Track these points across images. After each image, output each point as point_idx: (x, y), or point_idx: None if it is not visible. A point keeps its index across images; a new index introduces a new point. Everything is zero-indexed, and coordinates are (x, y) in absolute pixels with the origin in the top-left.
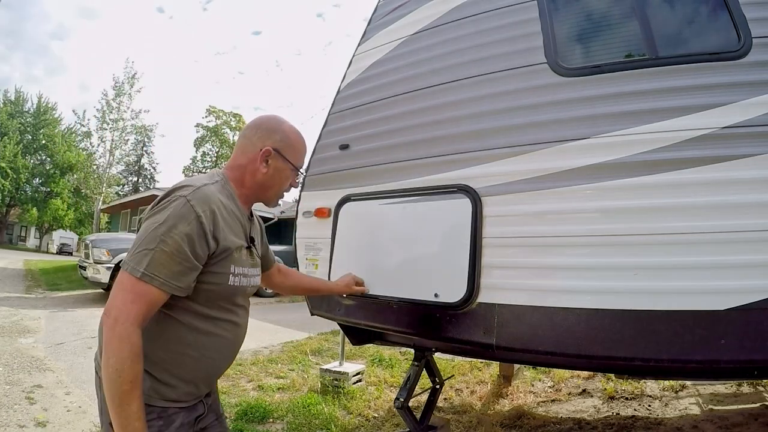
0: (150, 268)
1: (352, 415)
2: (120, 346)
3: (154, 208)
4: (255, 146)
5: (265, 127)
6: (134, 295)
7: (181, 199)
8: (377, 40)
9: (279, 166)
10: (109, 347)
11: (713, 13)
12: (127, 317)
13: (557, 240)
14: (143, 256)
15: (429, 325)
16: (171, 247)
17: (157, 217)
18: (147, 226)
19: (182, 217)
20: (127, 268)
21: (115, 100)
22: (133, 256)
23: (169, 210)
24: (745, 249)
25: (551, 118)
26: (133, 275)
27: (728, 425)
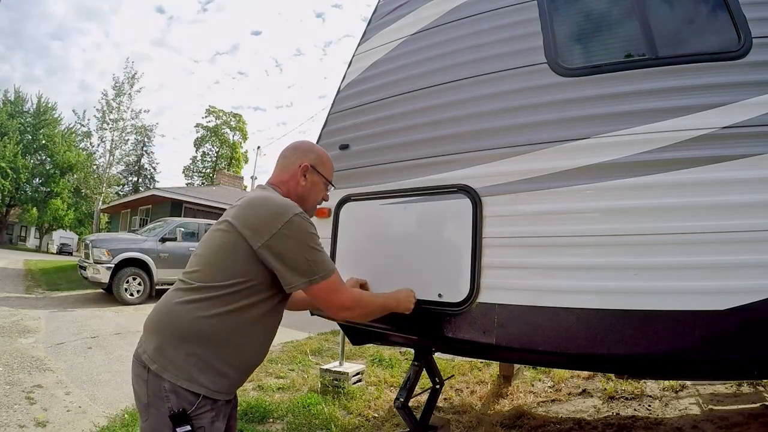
0: (328, 264)
1: (352, 415)
2: (365, 311)
3: (282, 228)
4: (294, 164)
5: (302, 148)
6: (338, 286)
7: (300, 215)
8: (377, 40)
9: (315, 179)
10: (369, 310)
11: (713, 13)
12: (345, 295)
13: (557, 240)
14: (320, 262)
15: (429, 325)
16: (317, 244)
17: (294, 236)
18: (293, 244)
19: (309, 224)
20: (321, 277)
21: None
22: (313, 267)
23: (294, 227)
24: (745, 249)
25: (551, 118)
26: (329, 277)
27: (728, 425)
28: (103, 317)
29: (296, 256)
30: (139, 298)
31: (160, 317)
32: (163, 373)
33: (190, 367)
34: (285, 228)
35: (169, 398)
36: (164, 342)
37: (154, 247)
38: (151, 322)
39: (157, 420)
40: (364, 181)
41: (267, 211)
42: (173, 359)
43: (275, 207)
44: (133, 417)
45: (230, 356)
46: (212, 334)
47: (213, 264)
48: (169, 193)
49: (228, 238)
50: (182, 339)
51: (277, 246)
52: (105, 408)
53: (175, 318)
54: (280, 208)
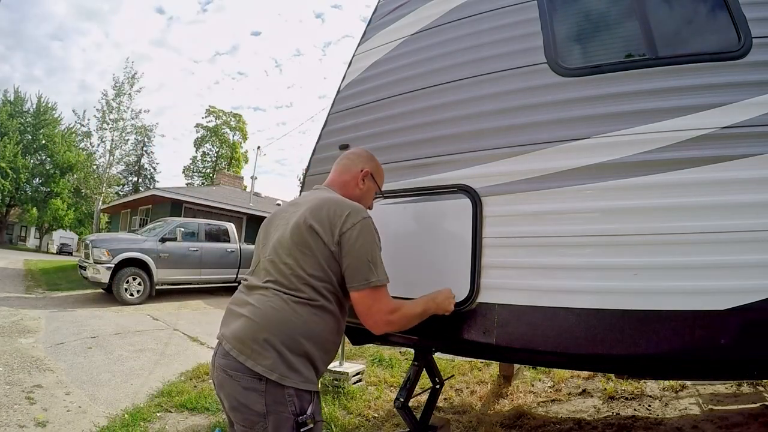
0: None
1: (352, 415)
2: (406, 320)
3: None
4: (357, 167)
5: (364, 156)
6: (385, 295)
7: (370, 219)
8: (377, 40)
9: (370, 186)
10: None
11: (713, 13)
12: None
13: (557, 240)
14: (380, 268)
15: (429, 325)
16: (379, 250)
17: (362, 237)
18: (361, 243)
19: (372, 230)
20: (376, 282)
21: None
22: (374, 270)
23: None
24: (745, 249)
25: (551, 118)
26: (382, 285)
27: (728, 425)
28: (103, 317)
29: (361, 256)
30: (139, 298)
31: (266, 323)
32: (285, 381)
33: (305, 369)
34: (357, 227)
35: (292, 401)
36: (281, 348)
37: (154, 247)
38: (255, 330)
39: (279, 423)
40: None
41: (342, 211)
42: (292, 364)
43: (349, 207)
44: (133, 417)
45: (326, 353)
46: (319, 333)
47: (302, 265)
48: (169, 193)
49: (311, 238)
50: (297, 342)
51: (348, 242)
52: (105, 408)
53: (286, 322)
54: (354, 208)
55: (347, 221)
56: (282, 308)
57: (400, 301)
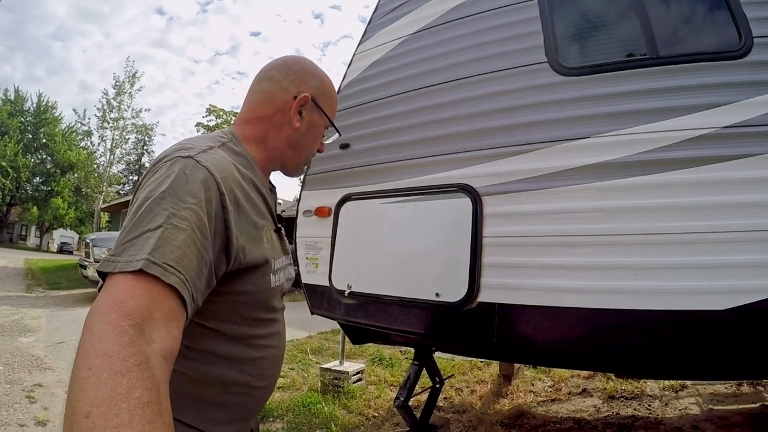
0: (158, 254)
1: (352, 414)
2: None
3: (145, 177)
4: (287, 92)
5: (298, 68)
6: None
7: (187, 160)
8: (378, 39)
9: (314, 120)
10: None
11: (714, 13)
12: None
13: (557, 240)
14: (145, 240)
15: (429, 325)
16: (188, 222)
17: (152, 184)
18: (140, 202)
19: (195, 180)
20: (117, 265)
21: (116, 99)
22: (124, 244)
23: (171, 172)
24: (745, 249)
25: (551, 117)
26: (127, 270)
27: (728, 425)
28: None
29: (130, 216)
30: None
31: None
32: None
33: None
34: (152, 174)
35: None
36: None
37: None
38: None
39: None
40: (364, 180)
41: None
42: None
43: (166, 152)
44: None
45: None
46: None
47: None
48: None
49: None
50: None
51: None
52: None
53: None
54: (170, 151)
55: (147, 173)
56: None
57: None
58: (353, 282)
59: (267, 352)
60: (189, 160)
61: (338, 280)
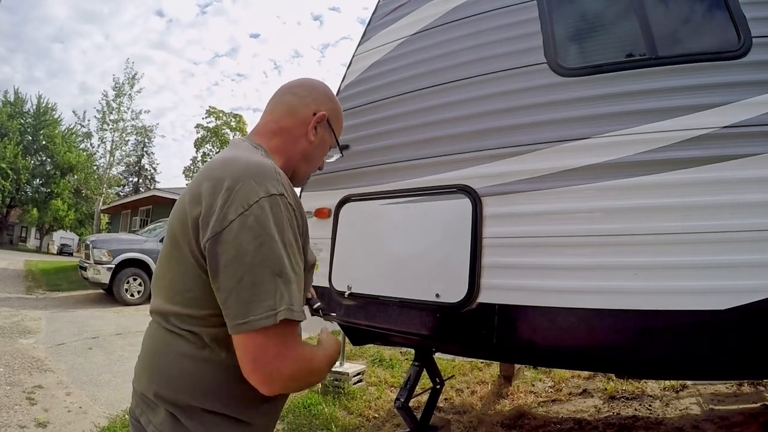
0: (294, 302)
1: (353, 416)
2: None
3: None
4: (308, 108)
5: (320, 90)
6: (284, 339)
7: (280, 199)
8: (377, 41)
9: (325, 137)
10: (319, 375)
11: (713, 13)
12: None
13: (557, 240)
14: (274, 292)
15: (429, 326)
16: (296, 267)
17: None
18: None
19: (284, 220)
20: (260, 319)
21: (116, 101)
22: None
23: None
24: (745, 249)
25: (551, 118)
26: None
27: (729, 425)
28: (104, 318)
29: (242, 271)
30: (139, 298)
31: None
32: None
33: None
34: (245, 217)
35: None
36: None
37: (155, 248)
38: (142, 376)
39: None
40: (364, 181)
41: (221, 186)
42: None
43: (240, 176)
44: None
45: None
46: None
47: (175, 281)
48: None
49: (179, 236)
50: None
51: (223, 246)
52: (106, 408)
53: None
54: (247, 177)
55: (230, 207)
56: (164, 347)
57: (311, 348)
58: (353, 283)
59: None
60: (282, 199)
61: (338, 281)
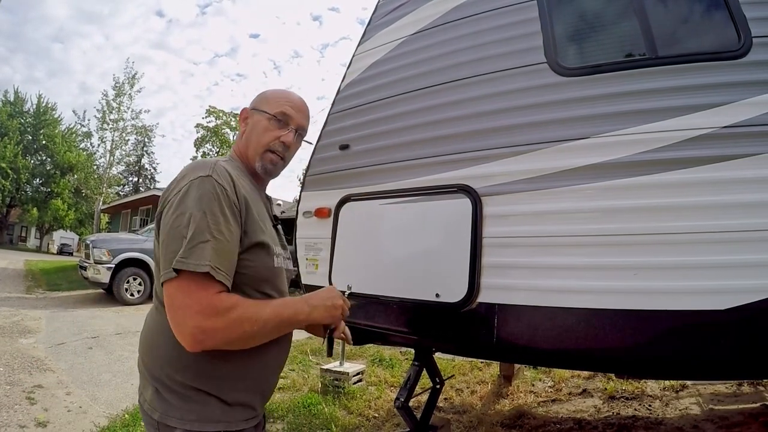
0: (214, 260)
1: (353, 415)
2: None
3: (171, 198)
4: (240, 117)
5: (255, 99)
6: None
7: (208, 179)
8: (377, 40)
9: (255, 119)
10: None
11: (713, 13)
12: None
13: (557, 240)
14: (199, 250)
15: (429, 325)
16: (219, 232)
17: (182, 206)
18: (177, 214)
19: (211, 194)
20: (180, 267)
21: (116, 101)
22: (182, 251)
23: (192, 193)
24: (745, 249)
25: (551, 117)
26: (196, 270)
27: (728, 425)
28: (104, 317)
29: (174, 228)
30: (139, 298)
31: (141, 345)
32: (168, 421)
33: (196, 405)
34: (183, 189)
35: None
36: (153, 381)
37: None
38: (140, 354)
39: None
40: (364, 181)
41: (179, 175)
42: (170, 401)
43: (189, 167)
44: (133, 417)
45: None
46: (182, 357)
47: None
48: None
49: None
50: (162, 372)
51: (166, 214)
52: (105, 408)
53: (150, 344)
54: (193, 167)
55: (175, 186)
56: (151, 324)
57: (236, 298)
58: (353, 283)
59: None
60: (208, 180)
61: (338, 280)
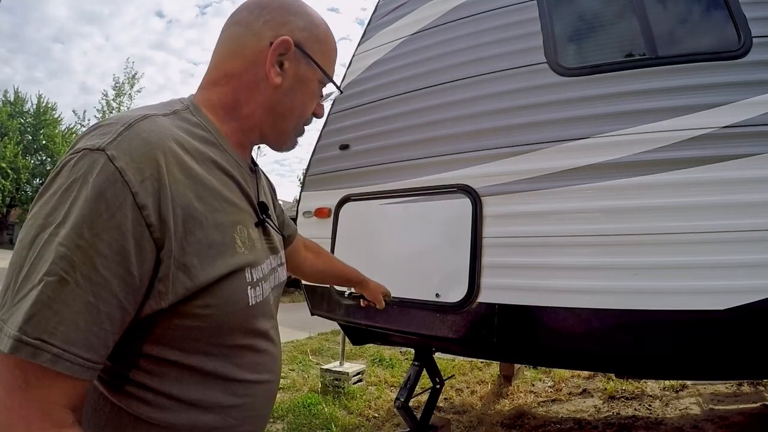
0: (30, 324)
1: (353, 415)
2: None
3: (43, 184)
4: (261, 37)
5: (276, 5)
6: (24, 373)
7: (96, 156)
8: (377, 40)
9: (301, 73)
10: None
11: (713, 13)
12: (27, 420)
13: (557, 240)
14: (20, 303)
15: (429, 325)
16: (90, 267)
17: (35, 208)
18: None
19: (94, 195)
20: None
21: (116, 101)
22: (8, 302)
23: (57, 183)
24: (745, 249)
25: (551, 117)
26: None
27: (728, 425)
28: None
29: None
30: None
31: None
32: None
33: None
34: (48, 179)
35: None
36: None
37: None
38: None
39: None
40: (364, 181)
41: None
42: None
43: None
44: None
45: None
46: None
47: None
48: None
49: None
50: None
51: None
52: None
53: None
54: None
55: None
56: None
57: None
58: None
59: (253, 390)
60: (99, 156)
61: None
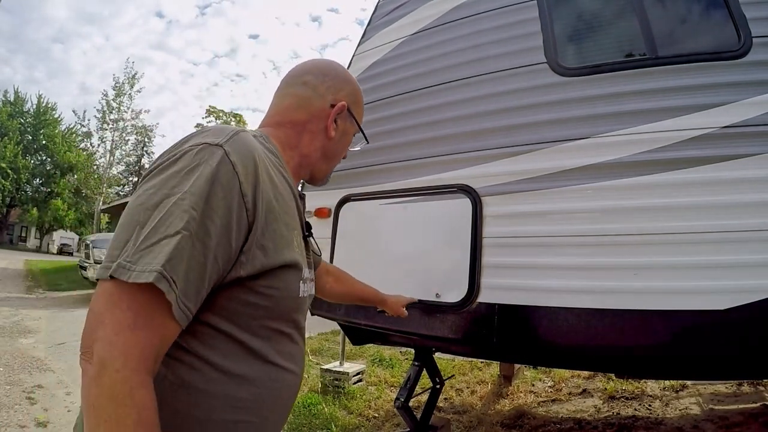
0: (169, 265)
1: (353, 415)
2: (117, 411)
3: (161, 166)
4: (324, 99)
5: (334, 75)
6: (136, 315)
7: (215, 150)
8: (377, 40)
9: (346, 128)
10: (97, 413)
11: (713, 13)
12: (127, 357)
13: (557, 240)
14: (153, 247)
15: (429, 325)
16: (205, 232)
17: (158, 178)
18: (138, 196)
19: (221, 176)
20: (117, 272)
21: (116, 101)
22: (132, 248)
23: (196, 165)
24: (745, 249)
25: (551, 117)
26: (134, 280)
27: (728, 425)
28: None
29: (128, 213)
30: None
31: None
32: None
33: None
34: (165, 164)
35: None
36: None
37: None
38: None
39: None
40: (364, 181)
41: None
42: None
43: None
44: None
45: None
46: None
47: None
48: None
49: None
50: None
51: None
52: None
53: None
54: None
55: (170, 151)
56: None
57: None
58: None
59: (284, 377)
60: (217, 151)
61: None
